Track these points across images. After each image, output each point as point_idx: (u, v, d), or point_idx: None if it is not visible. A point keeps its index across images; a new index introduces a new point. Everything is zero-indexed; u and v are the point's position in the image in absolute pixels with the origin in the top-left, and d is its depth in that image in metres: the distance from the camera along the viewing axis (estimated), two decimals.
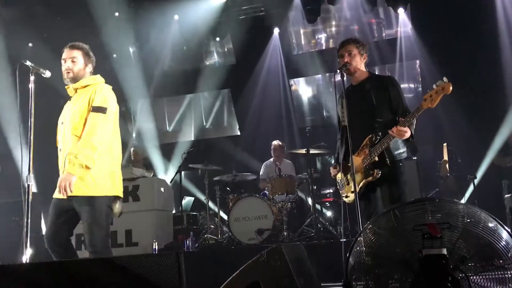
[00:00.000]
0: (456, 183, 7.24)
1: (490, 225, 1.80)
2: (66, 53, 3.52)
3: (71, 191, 3.17)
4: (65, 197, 3.22)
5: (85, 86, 3.50)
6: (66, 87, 3.55)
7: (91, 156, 3.21)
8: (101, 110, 3.33)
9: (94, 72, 3.63)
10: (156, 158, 9.92)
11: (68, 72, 3.46)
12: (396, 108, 3.62)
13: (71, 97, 3.57)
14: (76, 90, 3.50)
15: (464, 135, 7.55)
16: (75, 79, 3.48)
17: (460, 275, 1.77)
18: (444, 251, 1.77)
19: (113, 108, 3.45)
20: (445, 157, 7.24)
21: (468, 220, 1.81)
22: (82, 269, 2.18)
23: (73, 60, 3.49)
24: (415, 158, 6.60)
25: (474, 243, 1.80)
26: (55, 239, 3.33)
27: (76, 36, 8.89)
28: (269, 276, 2.70)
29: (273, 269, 2.68)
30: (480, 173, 7.26)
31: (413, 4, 8.63)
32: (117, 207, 3.45)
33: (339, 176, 3.89)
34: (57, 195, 3.33)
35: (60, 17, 8.70)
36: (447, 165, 7.21)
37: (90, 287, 2.11)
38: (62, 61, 3.51)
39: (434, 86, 3.25)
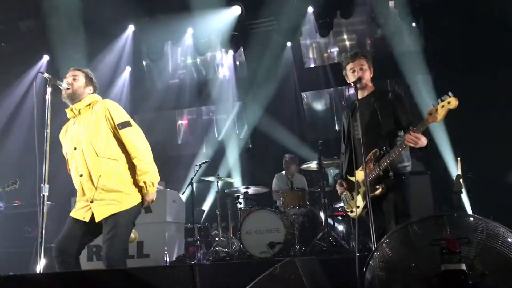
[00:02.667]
0: (470, 198, 7.14)
1: (510, 240, 1.78)
2: (69, 73, 3.58)
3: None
4: (88, 220, 3.31)
5: (88, 105, 3.53)
6: (67, 109, 3.55)
7: (152, 172, 3.42)
8: (127, 124, 3.44)
9: (108, 85, 3.69)
10: (167, 170, 9.95)
11: (68, 88, 3.47)
12: (402, 121, 3.62)
13: (69, 118, 3.58)
14: (79, 111, 3.51)
15: (479, 150, 7.48)
16: (73, 96, 3.49)
17: None
18: (463, 267, 1.75)
19: (130, 118, 3.54)
20: (459, 172, 7.16)
21: (487, 235, 1.79)
22: (96, 280, 2.18)
23: (75, 78, 3.54)
24: (429, 172, 6.55)
25: (494, 258, 1.77)
26: (67, 251, 3.33)
27: (91, 48, 9.11)
28: None
29: (287, 283, 2.65)
30: (495, 189, 7.16)
31: (425, 18, 8.62)
32: (132, 236, 3.51)
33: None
34: (78, 216, 3.37)
35: (76, 29, 8.82)
36: (461, 180, 7.12)
37: None
38: (64, 79, 3.53)
39: (439, 101, 3.24)
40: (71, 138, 3.49)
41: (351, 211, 3.79)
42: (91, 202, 3.33)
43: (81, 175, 3.39)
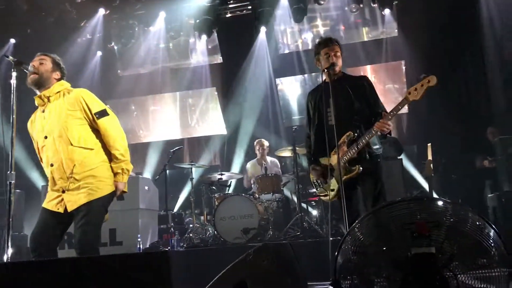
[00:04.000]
0: (440, 183, 7.32)
1: (477, 223, 1.82)
2: (35, 58, 3.44)
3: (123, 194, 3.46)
4: (62, 211, 3.24)
5: (57, 92, 3.42)
6: (36, 97, 3.42)
7: (128, 160, 3.42)
8: (104, 113, 3.38)
9: (78, 70, 3.59)
10: (140, 156, 9.85)
11: (34, 73, 3.34)
12: (373, 106, 3.66)
13: (38, 106, 3.46)
14: (48, 98, 3.39)
15: (448, 135, 7.64)
16: (39, 80, 3.36)
17: (448, 273, 1.78)
18: (433, 250, 1.78)
19: (107, 106, 3.49)
20: (430, 157, 7.30)
21: (456, 219, 1.83)
22: (66, 268, 2.14)
23: (41, 62, 3.41)
24: (400, 157, 6.66)
25: (462, 241, 1.81)
26: (44, 242, 3.27)
27: (60, 32, 8.86)
28: (256, 275, 2.67)
29: (260, 268, 2.66)
30: (463, 173, 7.34)
31: (399, 5, 8.69)
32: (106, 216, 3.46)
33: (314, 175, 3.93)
34: (52, 207, 3.29)
35: (44, 12, 8.56)
36: (431, 165, 7.27)
37: (75, 287, 2.07)
38: (30, 66, 3.37)
39: (420, 79, 3.31)
40: (41, 127, 3.38)
41: (325, 195, 3.82)
42: (63, 192, 3.27)
43: (51, 165, 3.31)
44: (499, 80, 7.72)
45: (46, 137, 3.33)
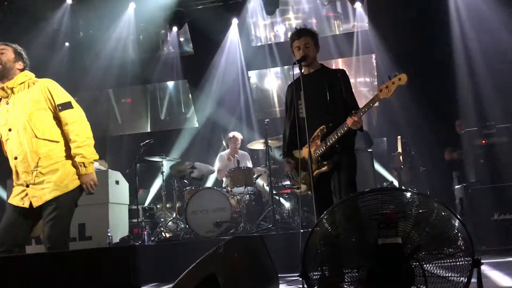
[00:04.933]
0: (409, 175, 7.44)
1: (443, 213, 1.84)
2: None
3: (93, 188, 3.31)
4: (27, 206, 3.15)
5: (21, 83, 3.31)
6: None
7: (91, 149, 3.30)
8: (68, 106, 3.28)
9: (46, 62, 3.48)
10: (110, 150, 9.69)
11: None
12: (347, 101, 3.67)
13: (1, 98, 3.34)
14: (12, 90, 3.28)
15: (417, 128, 7.78)
16: (1, 71, 3.25)
17: (415, 263, 1.81)
18: (399, 240, 1.80)
19: (72, 98, 3.38)
20: (399, 149, 7.42)
21: (422, 210, 1.85)
22: (31, 264, 2.08)
23: (2, 52, 3.29)
24: (370, 150, 6.74)
25: (428, 232, 1.84)
26: (10, 239, 3.15)
27: (25, 22, 8.58)
28: (226, 268, 2.66)
29: (230, 261, 2.65)
30: (431, 165, 7.49)
31: None
32: None
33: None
34: (17, 203, 3.19)
35: (7, 1, 8.27)
36: (400, 157, 7.39)
37: (40, 283, 2.01)
38: None
39: (389, 78, 3.32)
40: (5, 119, 3.27)
41: (297, 188, 3.82)
42: (27, 186, 3.18)
43: (15, 158, 3.21)
44: (466, 73, 7.89)
45: (10, 130, 3.23)
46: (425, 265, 1.81)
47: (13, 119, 3.23)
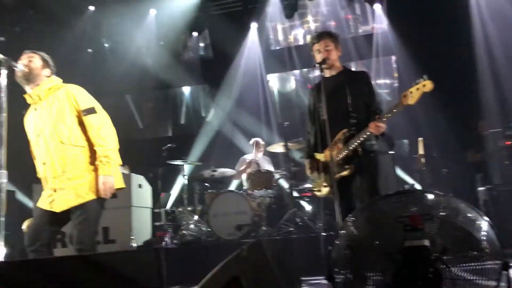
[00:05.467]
0: (431, 177, 7.35)
1: (470, 215, 1.83)
2: (23, 55, 3.42)
3: (112, 192, 3.31)
4: (55, 210, 3.22)
5: (48, 89, 3.39)
6: (26, 95, 3.40)
7: (117, 154, 3.36)
8: (92, 111, 3.34)
9: (69, 68, 3.56)
10: (132, 154, 9.79)
11: (24, 68, 3.31)
12: (370, 104, 3.64)
13: (30, 104, 3.44)
14: (39, 96, 3.36)
15: (439, 129, 7.68)
16: (29, 76, 3.33)
17: (442, 266, 1.79)
18: (426, 242, 1.79)
19: (98, 104, 3.46)
20: (421, 151, 7.34)
21: (448, 211, 1.83)
22: (59, 267, 2.13)
23: (30, 60, 3.38)
24: (392, 152, 6.69)
25: (455, 233, 1.82)
26: (39, 239, 3.25)
27: (50, 29, 8.78)
28: (249, 271, 2.67)
29: (253, 264, 2.66)
30: (454, 167, 7.39)
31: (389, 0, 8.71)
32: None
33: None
34: (45, 206, 3.28)
35: (33, 10, 8.48)
36: (422, 159, 7.31)
37: (67, 285, 2.06)
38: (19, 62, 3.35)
39: (414, 84, 3.28)
40: (34, 125, 3.37)
41: (318, 191, 3.81)
42: (54, 191, 3.26)
43: (44, 163, 3.31)
44: (488, 73, 7.77)
45: (38, 136, 3.32)
46: (452, 268, 1.79)
47: (41, 125, 3.32)
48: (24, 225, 3.82)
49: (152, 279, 2.01)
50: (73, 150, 3.28)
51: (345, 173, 3.56)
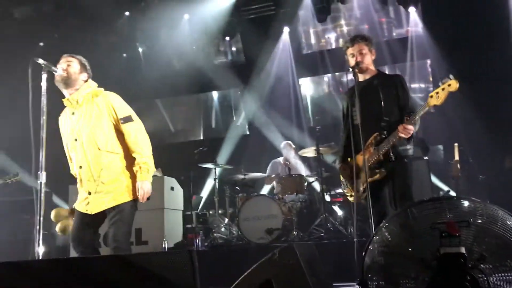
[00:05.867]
0: (467, 184, 7.17)
1: (509, 223, 1.77)
2: (62, 60, 3.53)
3: (148, 197, 3.41)
4: (90, 213, 3.35)
5: (86, 95, 3.50)
6: (65, 100, 3.51)
7: (152, 162, 3.47)
8: (129, 119, 3.46)
9: (104, 72, 3.68)
10: (165, 157, 9.94)
11: (63, 73, 3.42)
12: (403, 107, 3.60)
13: (66, 107, 3.57)
14: (77, 101, 3.46)
15: (476, 134, 7.49)
16: (67, 80, 3.43)
17: (479, 275, 1.75)
18: (463, 250, 1.74)
19: (133, 112, 3.57)
20: (457, 157, 7.17)
21: (486, 219, 1.79)
22: (94, 267, 2.18)
23: (69, 64, 3.49)
24: (426, 158, 6.56)
25: (492, 241, 1.77)
26: (82, 241, 3.41)
27: (87, 35, 9.03)
28: (282, 275, 2.68)
29: (286, 267, 2.67)
30: (491, 174, 7.19)
31: (424, 3, 8.56)
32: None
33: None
34: (82, 209, 3.42)
35: (70, 16, 8.74)
36: (458, 165, 7.14)
37: (102, 285, 2.11)
38: (58, 65, 3.48)
39: (441, 84, 3.24)
40: (71, 129, 3.48)
41: (351, 195, 3.78)
42: (89, 194, 3.38)
43: (80, 167, 3.42)
44: None
45: (76, 140, 3.44)
46: (490, 277, 1.74)
47: (79, 130, 3.43)
48: (57, 228, 3.99)
49: (187, 281, 2.04)
50: (109, 156, 3.39)
51: (375, 177, 3.53)
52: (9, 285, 2.10)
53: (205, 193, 9.17)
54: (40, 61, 3.20)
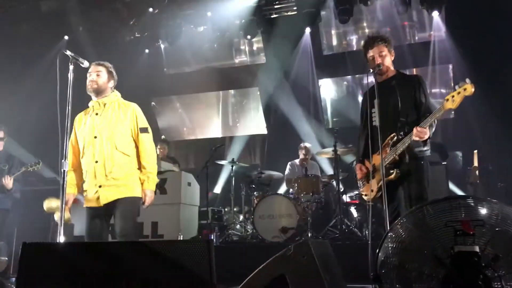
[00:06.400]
0: (485, 190, 7.10)
1: None
2: (92, 68, 3.83)
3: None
4: (100, 205, 3.64)
5: (112, 101, 3.86)
6: (94, 101, 3.85)
7: (155, 173, 3.84)
8: (146, 130, 3.86)
9: (126, 67, 3.84)
10: (182, 153, 10.05)
11: (93, 84, 3.79)
12: (422, 108, 3.60)
13: (93, 108, 3.85)
14: (104, 105, 3.82)
15: (496, 141, 7.41)
16: (98, 90, 3.81)
17: (492, 274, 1.76)
18: (477, 249, 1.76)
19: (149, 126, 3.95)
20: (475, 164, 7.11)
21: (502, 219, 1.80)
22: (118, 251, 2.26)
23: (98, 74, 3.82)
24: (445, 163, 6.52)
25: (507, 242, 1.78)
26: (100, 238, 3.69)
27: (110, 30, 9.17)
28: (296, 271, 2.72)
29: (300, 263, 2.70)
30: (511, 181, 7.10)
31: (448, 7, 8.48)
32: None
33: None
34: (93, 204, 3.68)
35: (95, 10, 8.89)
36: (477, 172, 7.08)
37: (124, 268, 2.18)
38: (88, 75, 3.83)
39: (457, 87, 3.25)
40: (92, 127, 3.78)
41: (366, 195, 3.81)
42: (100, 187, 3.67)
43: (96, 161, 3.72)
44: None
45: (96, 137, 3.74)
46: (504, 276, 1.76)
47: (101, 129, 3.75)
48: (45, 206, 4.27)
49: (204, 269, 2.10)
50: (122, 157, 3.73)
51: (390, 177, 3.55)
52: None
53: (221, 190, 9.24)
54: (68, 52, 3.33)
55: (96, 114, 3.82)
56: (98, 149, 3.72)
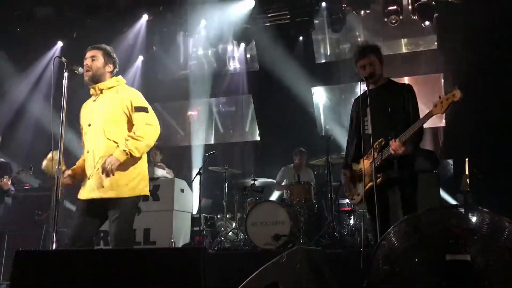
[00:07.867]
0: (476, 199, 7.14)
1: None
2: (87, 53, 3.61)
3: (113, 175, 3.26)
4: (95, 196, 3.35)
5: (110, 87, 3.58)
6: (90, 87, 3.59)
7: (137, 145, 3.36)
8: (143, 109, 3.48)
9: (120, 73, 3.74)
10: (176, 159, 10.02)
11: (88, 70, 3.52)
12: (409, 115, 3.65)
13: (91, 95, 3.64)
14: (101, 90, 3.56)
15: (487, 150, 7.47)
16: (93, 77, 3.54)
17: (484, 283, 1.78)
18: (468, 258, 1.78)
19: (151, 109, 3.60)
20: (467, 172, 7.16)
21: (493, 228, 1.82)
22: (107, 259, 2.25)
23: (93, 59, 3.56)
24: (436, 171, 6.56)
25: (498, 251, 1.80)
26: (81, 238, 3.38)
27: (104, 36, 9.16)
28: (289, 278, 2.72)
29: (293, 270, 2.70)
30: (503, 189, 7.15)
31: (439, 17, 8.56)
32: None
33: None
34: (84, 196, 3.44)
35: (90, 17, 8.89)
36: (468, 180, 7.12)
37: (115, 276, 2.17)
38: (84, 61, 3.58)
39: (445, 93, 3.30)
40: (88, 114, 3.58)
41: (352, 199, 3.87)
42: (88, 179, 3.44)
43: (88, 151, 3.50)
44: None
45: (89, 125, 3.51)
46: (495, 286, 1.78)
47: (95, 117, 3.50)
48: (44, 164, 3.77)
49: (196, 276, 2.09)
50: (113, 147, 3.40)
51: (377, 181, 3.56)
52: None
53: (214, 196, 9.23)
54: (63, 59, 3.31)
55: (94, 100, 3.59)
56: (90, 138, 3.48)
